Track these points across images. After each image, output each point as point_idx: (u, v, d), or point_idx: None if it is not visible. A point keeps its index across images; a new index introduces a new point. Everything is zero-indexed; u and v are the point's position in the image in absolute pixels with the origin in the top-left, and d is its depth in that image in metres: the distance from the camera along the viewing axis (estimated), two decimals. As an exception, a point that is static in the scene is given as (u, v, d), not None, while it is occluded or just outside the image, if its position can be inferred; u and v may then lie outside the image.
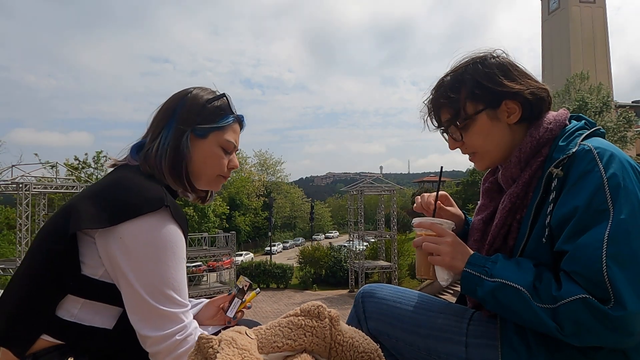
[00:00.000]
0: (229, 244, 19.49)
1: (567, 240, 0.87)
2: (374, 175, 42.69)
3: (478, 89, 1.03)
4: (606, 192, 0.86)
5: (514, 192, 1.03)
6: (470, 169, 32.38)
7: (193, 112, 1.09)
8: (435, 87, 1.11)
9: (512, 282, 0.90)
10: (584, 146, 0.93)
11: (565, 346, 0.91)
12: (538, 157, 1.01)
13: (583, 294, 0.81)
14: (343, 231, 57.44)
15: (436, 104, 1.10)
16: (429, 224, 1.07)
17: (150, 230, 0.93)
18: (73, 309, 0.95)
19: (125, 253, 0.92)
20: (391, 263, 18.09)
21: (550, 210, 0.93)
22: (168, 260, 0.94)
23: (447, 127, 1.10)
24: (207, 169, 1.12)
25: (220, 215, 35.63)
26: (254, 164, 47.76)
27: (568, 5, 44.15)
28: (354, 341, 0.94)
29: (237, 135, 1.18)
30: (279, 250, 41.21)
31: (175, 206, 1.00)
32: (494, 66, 1.05)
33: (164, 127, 1.09)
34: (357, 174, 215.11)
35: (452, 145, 1.12)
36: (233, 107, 1.16)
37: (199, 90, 1.14)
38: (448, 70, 1.10)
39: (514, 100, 1.03)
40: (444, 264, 1.01)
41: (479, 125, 1.05)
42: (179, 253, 0.97)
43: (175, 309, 0.94)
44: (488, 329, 1.04)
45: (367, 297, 1.22)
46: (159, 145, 1.07)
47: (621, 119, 21.86)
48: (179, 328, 0.94)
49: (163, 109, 1.13)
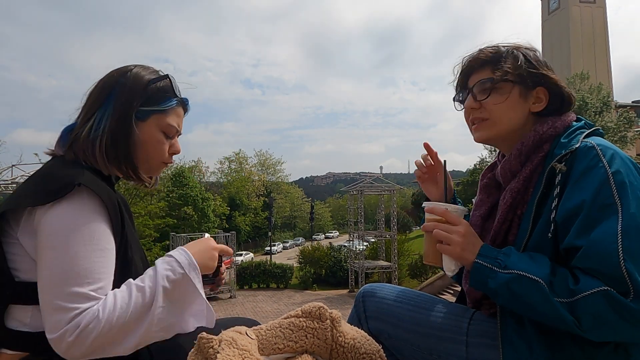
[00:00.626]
0: (229, 244, 19.48)
1: (579, 236, 0.86)
2: (374, 175, 42.74)
3: (525, 64, 1.04)
4: (612, 187, 0.86)
5: (514, 187, 1.03)
6: (470, 169, 32.40)
7: (134, 93, 1.00)
8: (485, 48, 1.10)
9: (529, 273, 0.88)
10: (586, 143, 0.94)
11: (566, 345, 0.91)
12: (539, 152, 1.02)
13: (603, 286, 0.81)
14: (343, 231, 57.52)
15: (479, 61, 1.09)
16: (442, 211, 1.03)
17: (60, 217, 0.87)
18: (24, 318, 0.90)
19: (38, 246, 0.87)
20: (391, 263, 18.07)
21: (555, 205, 0.92)
22: (77, 248, 0.86)
23: (477, 83, 1.09)
24: (146, 154, 1.05)
25: (220, 215, 35.62)
26: (254, 164, 47.83)
27: (568, 5, 44.13)
28: (356, 342, 0.93)
29: (180, 120, 1.10)
30: (279, 250, 41.19)
31: (97, 184, 0.92)
32: (539, 58, 1.08)
33: (98, 108, 1.01)
34: (357, 173, 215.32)
35: (469, 104, 1.10)
36: (177, 89, 1.09)
37: (140, 69, 1.05)
38: (502, 42, 1.10)
39: (547, 90, 1.05)
40: (453, 254, 0.99)
41: (508, 95, 1.05)
42: (92, 237, 0.88)
43: (79, 304, 0.84)
44: (488, 329, 1.04)
45: (368, 297, 1.22)
46: (91, 128, 0.99)
47: (621, 119, 21.85)
48: (71, 327, 0.83)
49: (98, 88, 1.03)
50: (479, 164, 29.66)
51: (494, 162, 1.19)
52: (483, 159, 29.22)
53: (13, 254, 0.91)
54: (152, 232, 20.98)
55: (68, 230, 0.87)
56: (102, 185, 0.95)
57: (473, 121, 1.11)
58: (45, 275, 0.86)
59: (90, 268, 0.87)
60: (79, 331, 0.82)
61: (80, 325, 0.82)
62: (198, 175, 40.11)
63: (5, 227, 0.92)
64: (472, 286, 0.98)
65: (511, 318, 0.99)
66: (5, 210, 0.90)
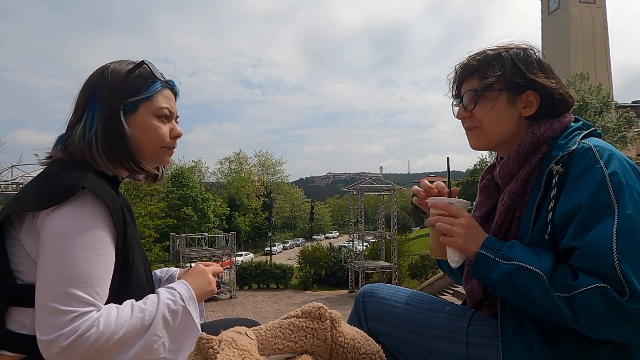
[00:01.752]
0: (229, 244, 19.48)
1: (575, 237, 0.87)
2: (374, 176, 42.72)
3: (512, 69, 1.04)
4: (609, 188, 0.86)
5: (512, 189, 1.03)
6: (470, 169, 32.41)
7: (115, 89, 1.00)
8: (473, 55, 1.10)
9: (530, 265, 0.88)
10: (583, 144, 0.94)
11: (566, 345, 0.91)
12: (537, 154, 1.02)
13: (601, 283, 0.81)
14: (343, 231, 57.45)
15: (467, 69, 1.10)
16: (444, 205, 1.04)
17: (62, 221, 0.86)
18: (24, 320, 0.90)
19: (39, 249, 0.87)
20: (391, 263, 18.07)
21: (552, 207, 0.93)
22: (78, 253, 0.85)
23: (465, 93, 1.09)
24: (147, 143, 1.04)
25: (220, 215, 35.64)
26: (254, 164, 47.85)
27: (568, 6, 44.14)
28: (356, 343, 0.93)
29: (171, 102, 1.09)
30: (279, 251, 41.18)
31: (101, 188, 0.92)
32: (534, 59, 1.06)
33: (84, 110, 1.00)
34: (357, 174, 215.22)
35: (459, 114, 1.12)
36: (158, 72, 1.07)
37: (117, 64, 1.04)
38: (491, 46, 1.10)
39: (537, 93, 1.04)
40: (456, 246, 0.99)
41: (494, 103, 1.05)
42: (94, 242, 0.87)
43: (76, 307, 0.83)
44: (489, 329, 1.04)
45: (368, 297, 1.22)
46: (84, 130, 0.98)
47: (621, 119, 21.86)
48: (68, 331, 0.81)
49: (81, 92, 1.03)
50: (479, 164, 29.70)
51: (493, 164, 1.19)
52: (483, 159, 29.27)
53: (15, 256, 0.91)
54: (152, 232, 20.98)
55: (70, 234, 0.86)
56: (107, 189, 0.95)
57: (466, 129, 1.13)
58: (43, 278, 0.85)
59: (89, 272, 0.86)
60: (76, 337, 0.81)
61: (78, 331, 0.81)
62: (198, 176, 40.15)
63: (9, 229, 0.91)
64: (473, 277, 0.98)
65: (511, 319, 0.99)
66: (9, 213, 0.90)
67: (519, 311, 0.98)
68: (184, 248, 18.89)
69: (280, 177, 50.60)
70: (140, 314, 0.89)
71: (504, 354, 0.97)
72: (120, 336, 0.85)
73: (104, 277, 0.89)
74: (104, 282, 0.89)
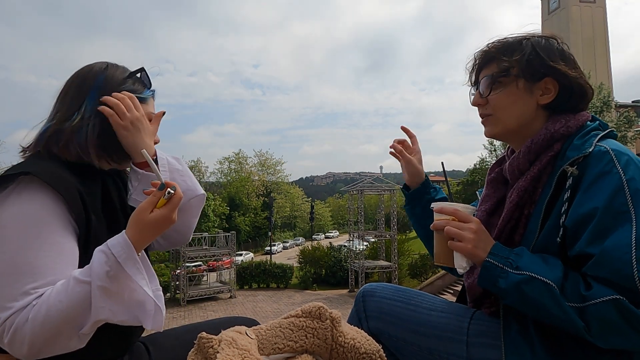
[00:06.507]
0: (229, 244, 19.47)
1: (590, 244, 0.84)
2: (374, 175, 42.70)
3: (531, 56, 1.02)
4: (627, 194, 0.84)
5: (522, 185, 1.01)
6: (470, 169, 32.36)
7: (116, 84, 1.06)
8: (493, 42, 1.09)
9: (541, 276, 0.86)
10: (600, 147, 0.91)
11: (568, 345, 0.90)
12: (549, 151, 1.00)
13: (616, 295, 0.79)
14: (343, 231, 57.52)
15: (486, 56, 1.08)
16: (451, 210, 1.01)
17: (6, 210, 0.84)
18: None
19: None
20: (391, 263, 18.07)
21: (565, 210, 0.90)
22: (21, 243, 0.82)
23: (482, 79, 1.08)
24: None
25: (220, 215, 35.65)
26: (254, 164, 47.86)
27: (568, 5, 44.12)
28: (356, 342, 0.93)
29: (154, 110, 1.16)
30: (279, 250, 41.22)
31: (52, 175, 0.88)
32: (555, 47, 1.04)
33: (80, 104, 1.02)
34: (357, 173, 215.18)
35: (475, 100, 1.11)
36: (150, 80, 1.16)
37: (114, 65, 1.10)
38: (512, 34, 1.09)
39: (556, 81, 1.02)
40: (465, 251, 0.96)
41: (511, 89, 1.04)
42: (41, 231, 0.84)
43: (17, 301, 0.80)
44: (490, 328, 1.04)
45: (368, 297, 1.22)
46: (81, 123, 1.00)
47: (621, 118, 21.86)
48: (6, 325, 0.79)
49: (74, 86, 1.04)
50: (479, 163, 29.68)
51: (503, 157, 1.17)
52: (483, 159, 29.26)
53: None
54: (152, 232, 20.93)
55: (13, 223, 0.83)
56: (62, 176, 0.91)
57: (481, 117, 1.11)
58: None
59: (34, 263, 0.82)
60: (13, 331, 0.79)
61: (13, 324, 0.79)
62: (197, 175, 40.13)
63: None
64: (480, 285, 0.96)
65: (514, 319, 0.98)
66: None
67: (521, 312, 0.97)
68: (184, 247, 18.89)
69: (280, 176, 50.65)
70: (76, 287, 0.81)
71: (506, 354, 0.96)
72: (56, 317, 0.80)
73: (54, 266, 0.84)
74: (54, 272, 0.84)
